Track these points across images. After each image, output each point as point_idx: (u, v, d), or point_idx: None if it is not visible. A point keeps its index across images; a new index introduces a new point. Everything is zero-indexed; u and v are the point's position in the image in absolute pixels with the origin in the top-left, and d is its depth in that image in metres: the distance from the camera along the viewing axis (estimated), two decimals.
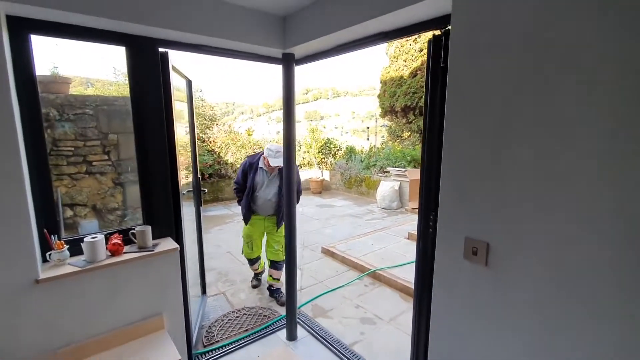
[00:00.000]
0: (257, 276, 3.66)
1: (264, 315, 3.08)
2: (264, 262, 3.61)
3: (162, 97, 1.93)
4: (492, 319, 1.26)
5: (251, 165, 3.16)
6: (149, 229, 1.87)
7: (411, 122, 7.32)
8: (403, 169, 7.49)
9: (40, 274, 1.51)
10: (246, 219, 3.24)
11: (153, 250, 1.83)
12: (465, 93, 1.24)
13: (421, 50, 6.82)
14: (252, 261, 3.50)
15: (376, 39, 1.83)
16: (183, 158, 2.62)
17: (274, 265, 3.36)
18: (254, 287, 3.61)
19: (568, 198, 1.00)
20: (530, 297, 1.13)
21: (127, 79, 2.02)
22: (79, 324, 1.64)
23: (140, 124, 1.88)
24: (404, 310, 3.18)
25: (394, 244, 4.85)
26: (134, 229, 1.87)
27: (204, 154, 7.96)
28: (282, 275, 3.39)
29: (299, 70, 2.40)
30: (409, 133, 7.67)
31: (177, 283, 1.95)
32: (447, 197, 1.36)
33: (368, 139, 11.74)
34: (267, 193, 3.16)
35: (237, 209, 6.23)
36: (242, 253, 3.48)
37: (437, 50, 1.49)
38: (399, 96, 7.02)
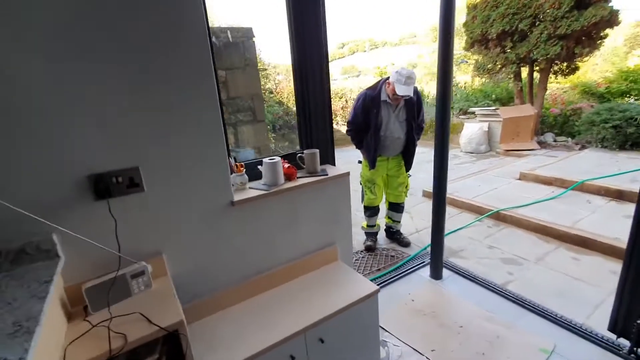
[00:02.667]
0: (372, 236, 3.13)
1: (391, 256, 2.93)
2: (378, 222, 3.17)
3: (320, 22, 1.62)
4: None
5: (373, 100, 2.64)
6: (317, 152, 1.67)
7: (507, 51, 6.33)
8: (492, 108, 6.71)
9: (234, 197, 1.38)
10: (373, 163, 2.79)
11: (327, 174, 1.64)
12: None
13: None
14: (373, 211, 3.05)
15: None
16: None
17: (395, 207, 3.09)
18: (369, 249, 3.04)
19: None
20: None
21: None
22: (266, 250, 1.53)
23: (302, 50, 1.62)
24: (549, 251, 2.83)
25: (505, 184, 4.38)
26: (301, 153, 1.68)
27: (273, 105, 7.76)
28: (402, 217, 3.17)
29: (331, 22, 1.95)
30: (501, 65, 6.68)
31: (347, 211, 1.77)
32: None
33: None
34: (394, 130, 2.69)
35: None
36: (362, 202, 3.09)
37: None
38: (494, 20, 6.01)
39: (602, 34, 5.78)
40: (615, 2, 5.51)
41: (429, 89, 10.93)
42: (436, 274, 2.47)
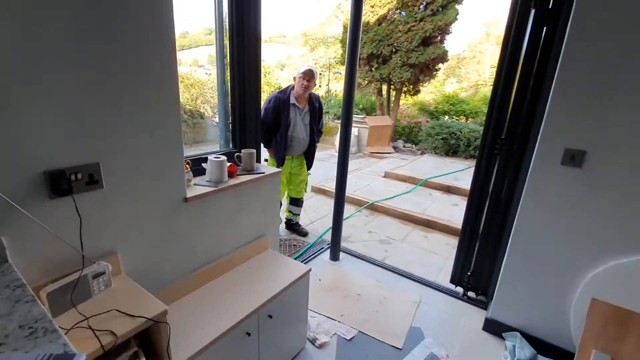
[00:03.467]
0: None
1: (294, 245, 3.27)
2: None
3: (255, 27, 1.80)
4: (574, 206, 1.74)
5: (284, 103, 2.93)
6: (254, 152, 1.84)
7: (373, 70, 7.58)
8: (361, 117, 7.89)
9: (187, 193, 1.44)
10: (282, 161, 3.07)
11: (263, 172, 1.83)
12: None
13: None
14: None
15: None
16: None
17: (296, 202, 3.46)
18: None
19: None
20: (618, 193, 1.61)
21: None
22: (212, 243, 1.62)
23: (240, 52, 1.76)
24: (408, 232, 3.72)
25: (374, 182, 5.34)
26: (239, 152, 1.82)
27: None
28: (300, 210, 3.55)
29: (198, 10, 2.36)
30: (367, 82, 7.96)
31: (277, 205, 1.99)
32: (552, 119, 1.72)
33: (320, 86, 11.72)
34: (300, 132, 3.05)
35: None
36: None
37: None
38: (365, 42, 7.13)
39: (437, 67, 7.66)
40: (445, 43, 7.39)
41: None
42: (335, 256, 2.95)
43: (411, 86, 8.13)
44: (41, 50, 0.92)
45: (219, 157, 1.62)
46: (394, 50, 7.25)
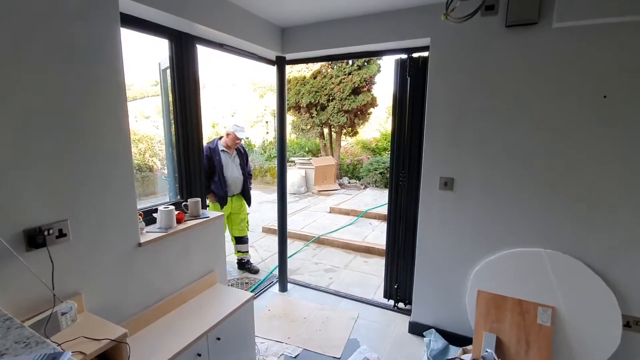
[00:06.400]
0: None
1: (245, 283, 3.51)
2: None
3: (195, 86, 2.23)
4: (453, 220, 2.29)
5: (213, 151, 3.43)
6: (199, 200, 2.18)
7: (314, 116, 8.39)
8: (307, 158, 8.50)
9: (140, 239, 1.73)
10: (224, 201, 3.44)
11: (208, 217, 2.17)
12: (439, 94, 2.21)
13: None
14: None
15: (361, 56, 2.66)
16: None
17: (240, 240, 3.78)
18: None
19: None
20: (474, 203, 2.20)
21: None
22: (165, 280, 1.88)
23: (183, 110, 2.16)
24: (351, 259, 4.14)
25: (321, 217, 5.78)
26: (186, 202, 2.15)
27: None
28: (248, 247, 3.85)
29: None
30: (309, 127, 8.74)
31: (222, 243, 2.31)
32: (428, 156, 2.32)
33: (268, 132, 12.36)
34: (234, 171, 3.52)
35: None
36: None
37: (404, 66, 2.46)
38: (303, 94, 7.97)
39: (369, 112, 8.68)
40: (375, 91, 8.51)
41: (253, 133, 12.47)
42: (283, 288, 3.25)
43: (349, 128, 9.07)
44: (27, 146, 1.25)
45: (168, 207, 1.95)
46: (330, 98, 8.17)
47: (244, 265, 3.81)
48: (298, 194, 8.23)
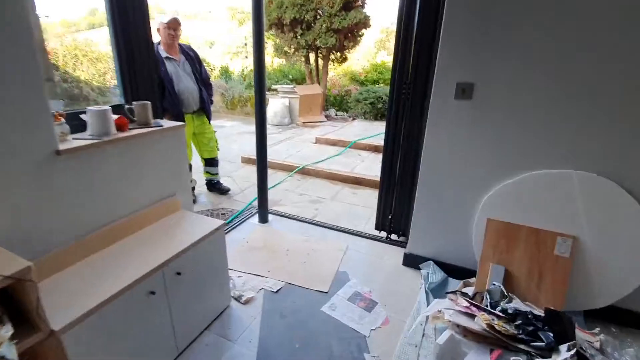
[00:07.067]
0: (191, 191, 3.43)
1: (222, 214, 3.15)
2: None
3: None
4: (466, 137, 1.89)
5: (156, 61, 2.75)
6: (149, 103, 1.66)
7: (298, 37, 7.40)
8: (291, 87, 7.74)
9: (59, 145, 1.25)
10: (181, 116, 2.85)
11: (162, 126, 1.67)
12: None
13: None
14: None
15: None
16: None
17: (211, 162, 3.39)
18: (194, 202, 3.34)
19: None
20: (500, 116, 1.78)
21: None
22: (106, 204, 1.46)
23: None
24: (338, 191, 3.81)
25: (306, 148, 5.33)
26: (131, 105, 1.63)
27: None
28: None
29: None
30: (293, 50, 7.77)
31: (185, 163, 1.86)
32: (444, 58, 1.82)
33: (247, 57, 11.15)
34: (187, 82, 2.89)
35: None
36: None
37: None
38: (287, 7, 6.87)
39: (360, 33, 7.73)
40: (367, 9, 7.49)
41: (234, 65, 11.27)
42: (264, 219, 2.91)
43: (338, 53, 8.15)
44: None
45: (100, 108, 1.44)
46: (317, 15, 7.14)
47: (213, 185, 3.49)
48: (281, 125, 7.63)
